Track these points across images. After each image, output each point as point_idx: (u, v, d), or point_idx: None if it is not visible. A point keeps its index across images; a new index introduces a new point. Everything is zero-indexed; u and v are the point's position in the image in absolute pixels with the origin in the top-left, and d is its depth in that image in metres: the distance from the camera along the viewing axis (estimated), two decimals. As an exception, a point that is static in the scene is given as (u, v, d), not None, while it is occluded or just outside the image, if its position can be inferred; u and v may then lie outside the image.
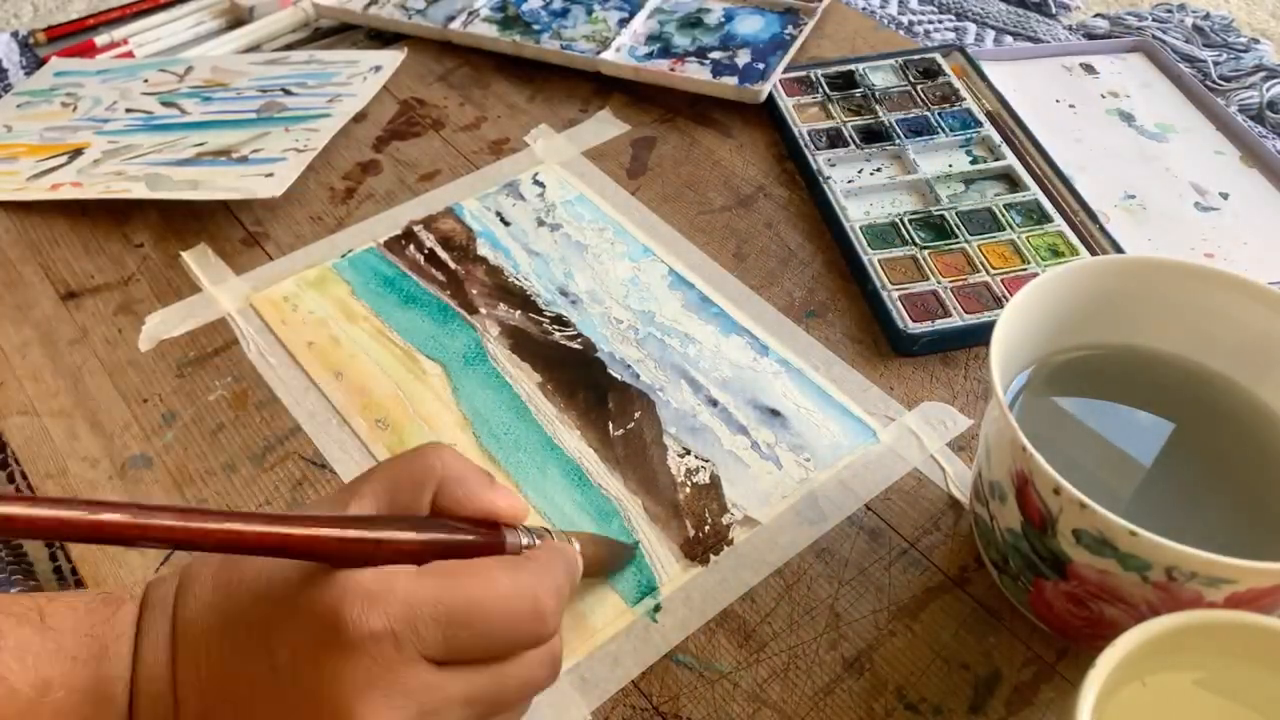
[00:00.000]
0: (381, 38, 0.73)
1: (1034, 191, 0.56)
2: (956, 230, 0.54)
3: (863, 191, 0.57)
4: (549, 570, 0.32)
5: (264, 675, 0.29)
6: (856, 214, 0.56)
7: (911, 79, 0.64)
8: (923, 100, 0.63)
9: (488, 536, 0.32)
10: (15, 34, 0.76)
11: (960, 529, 0.43)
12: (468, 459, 0.34)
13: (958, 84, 0.64)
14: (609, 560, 0.41)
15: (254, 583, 0.31)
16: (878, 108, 0.62)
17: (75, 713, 0.31)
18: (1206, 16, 0.75)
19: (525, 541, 0.34)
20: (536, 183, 0.59)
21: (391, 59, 0.68)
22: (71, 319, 0.53)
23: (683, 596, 0.41)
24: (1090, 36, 0.74)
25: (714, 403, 0.48)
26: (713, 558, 0.42)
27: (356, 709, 0.28)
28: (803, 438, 0.46)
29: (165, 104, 0.65)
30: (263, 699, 0.29)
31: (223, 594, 0.31)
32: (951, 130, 0.60)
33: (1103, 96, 0.66)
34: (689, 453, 0.46)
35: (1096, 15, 0.77)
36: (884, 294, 0.51)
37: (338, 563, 0.29)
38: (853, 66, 0.65)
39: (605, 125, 0.63)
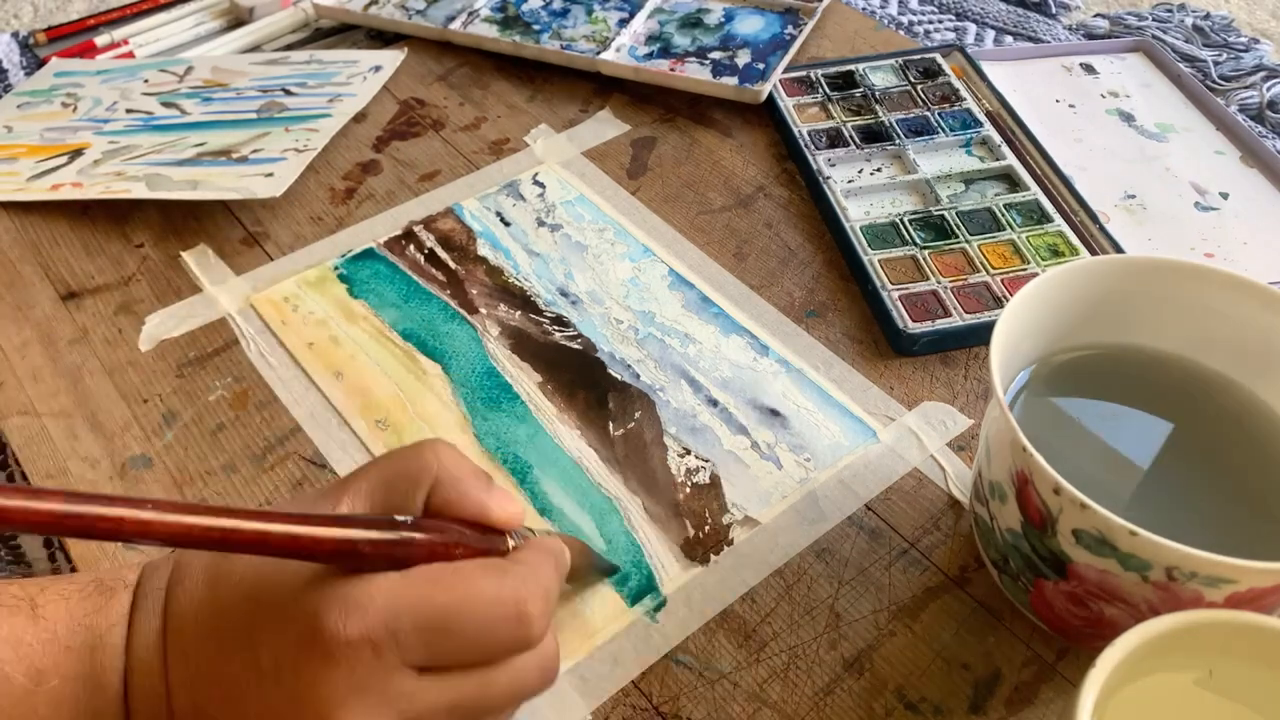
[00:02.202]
0: (381, 38, 0.73)
1: (1034, 191, 0.56)
2: (956, 230, 0.54)
3: (863, 191, 0.57)
4: (536, 572, 0.31)
5: (250, 676, 0.29)
6: (856, 214, 0.56)
7: (911, 79, 0.64)
8: (923, 100, 0.63)
9: (475, 541, 0.32)
10: (15, 34, 0.76)
11: (960, 529, 0.43)
12: (466, 458, 0.33)
13: (958, 84, 0.64)
14: (585, 570, 0.40)
15: (242, 581, 0.31)
16: (878, 108, 0.62)
17: (71, 700, 0.31)
18: (1206, 16, 0.75)
19: (513, 544, 0.33)
20: (536, 183, 0.59)
21: (391, 59, 0.68)
22: (71, 319, 0.53)
23: (683, 596, 0.41)
24: (1090, 36, 0.74)
25: (714, 403, 0.48)
26: (713, 558, 0.42)
27: (336, 716, 0.28)
28: (803, 438, 0.46)
29: (165, 104, 0.65)
30: (249, 698, 0.30)
31: (213, 590, 0.31)
32: (951, 130, 0.60)
33: (1103, 96, 0.66)
34: (689, 453, 0.46)
35: (1096, 15, 0.77)
36: (884, 294, 0.51)
37: (321, 561, 0.29)
38: (853, 66, 0.65)
39: (605, 125, 0.63)
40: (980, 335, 0.50)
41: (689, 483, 0.45)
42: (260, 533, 0.28)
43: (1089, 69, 0.68)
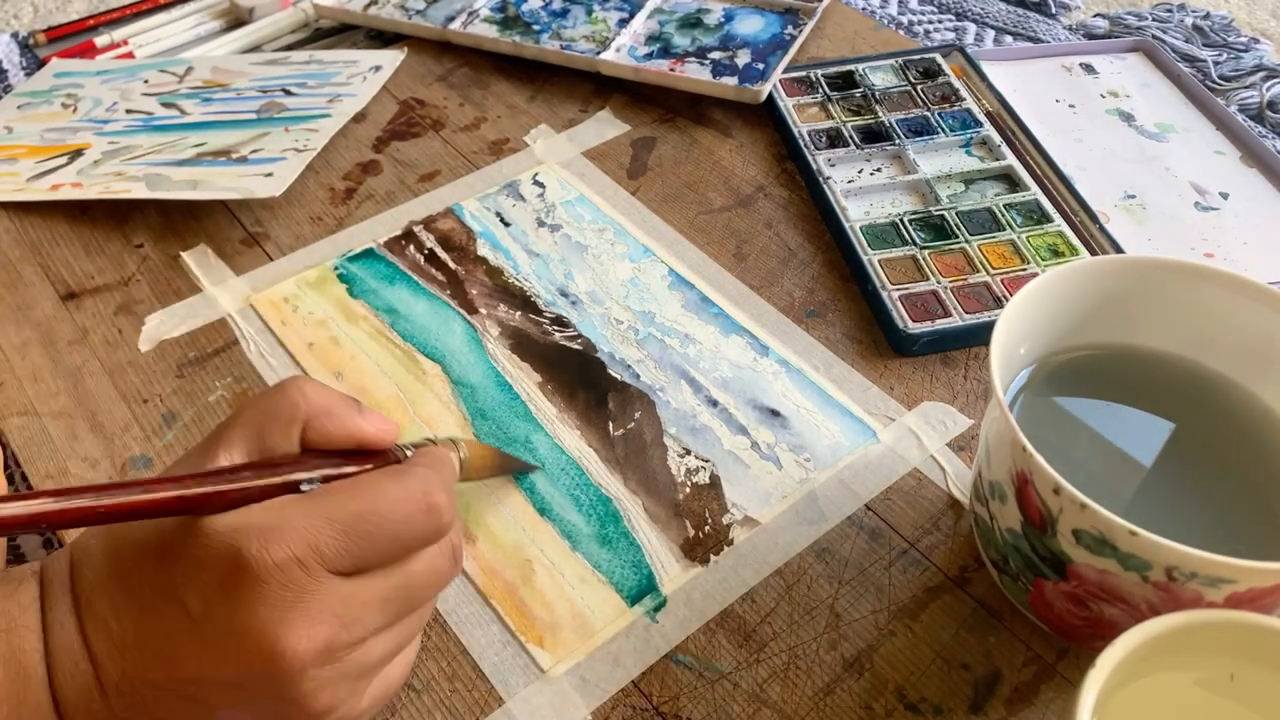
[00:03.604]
0: (381, 38, 0.73)
1: (1034, 191, 0.56)
2: (956, 230, 0.54)
3: (863, 191, 0.57)
4: (434, 470, 0.33)
5: (181, 625, 0.30)
6: (856, 214, 0.56)
7: (911, 79, 0.64)
8: (923, 100, 0.63)
9: (362, 464, 0.33)
10: (15, 35, 0.76)
11: (960, 529, 0.43)
12: (331, 388, 0.34)
13: (958, 84, 0.64)
14: (500, 463, 0.43)
15: (145, 543, 0.31)
16: (878, 108, 0.62)
17: None
18: (1206, 16, 0.75)
19: (402, 456, 0.35)
20: (536, 183, 0.59)
21: (391, 59, 0.68)
22: (71, 319, 0.53)
23: (683, 596, 0.41)
24: (1090, 36, 0.74)
25: (714, 403, 0.48)
26: (713, 558, 0.42)
27: (281, 635, 0.29)
28: (803, 438, 0.46)
29: (165, 105, 0.65)
30: (185, 648, 0.30)
31: (115, 562, 0.32)
32: (951, 130, 0.60)
33: (1103, 96, 0.66)
34: (689, 453, 0.46)
35: (1096, 15, 0.77)
36: (884, 294, 0.51)
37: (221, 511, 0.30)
38: (853, 66, 0.65)
39: (605, 125, 0.63)
40: (980, 335, 0.50)
41: (689, 483, 0.45)
42: (151, 501, 0.29)
43: (1089, 69, 0.68)
